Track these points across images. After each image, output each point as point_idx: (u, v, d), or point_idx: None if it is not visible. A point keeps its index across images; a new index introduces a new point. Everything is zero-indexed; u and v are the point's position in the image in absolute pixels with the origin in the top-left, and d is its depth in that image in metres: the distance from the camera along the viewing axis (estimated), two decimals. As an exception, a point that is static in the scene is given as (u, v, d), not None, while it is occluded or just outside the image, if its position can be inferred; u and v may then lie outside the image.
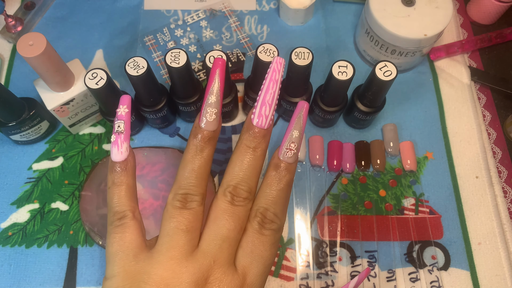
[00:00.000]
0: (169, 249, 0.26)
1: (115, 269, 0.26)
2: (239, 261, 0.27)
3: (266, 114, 0.28)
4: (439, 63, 0.50)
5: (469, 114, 0.47)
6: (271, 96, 0.27)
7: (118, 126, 0.28)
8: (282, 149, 0.28)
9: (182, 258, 0.26)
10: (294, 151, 0.28)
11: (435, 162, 0.44)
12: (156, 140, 0.45)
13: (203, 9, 0.52)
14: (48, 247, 0.40)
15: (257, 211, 0.28)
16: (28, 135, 0.42)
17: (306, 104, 0.28)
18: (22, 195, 0.42)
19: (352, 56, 0.50)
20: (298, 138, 0.28)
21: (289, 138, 0.28)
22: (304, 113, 0.28)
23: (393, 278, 0.39)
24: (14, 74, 0.48)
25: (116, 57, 0.49)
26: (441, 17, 0.43)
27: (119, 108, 0.28)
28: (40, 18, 0.51)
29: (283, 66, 0.28)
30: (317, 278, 0.39)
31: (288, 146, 0.28)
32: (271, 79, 0.27)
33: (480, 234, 0.41)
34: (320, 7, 0.53)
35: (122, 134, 0.28)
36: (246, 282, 0.26)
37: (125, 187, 0.28)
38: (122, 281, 0.26)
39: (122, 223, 0.27)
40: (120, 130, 0.28)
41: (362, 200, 0.42)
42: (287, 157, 0.28)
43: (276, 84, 0.27)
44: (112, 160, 0.28)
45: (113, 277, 0.26)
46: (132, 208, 0.28)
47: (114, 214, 0.27)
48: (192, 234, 0.27)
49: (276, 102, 0.28)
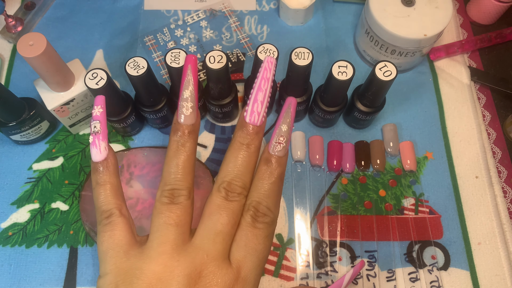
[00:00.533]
0: (159, 244, 0.26)
1: (107, 267, 0.26)
2: (233, 255, 0.27)
3: (258, 111, 0.28)
4: (439, 63, 0.50)
5: (469, 114, 0.47)
6: (262, 94, 0.28)
7: (94, 126, 0.28)
8: (272, 143, 0.29)
9: (173, 252, 0.26)
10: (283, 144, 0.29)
11: (435, 162, 0.44)
12: (156, 140, 0.45)
13: (203, 9, 0.52)
14: (48, 247, 0.40)
15: (250, 205, 0.28)
16: (28, 135, 0.42)
17: (294, 99, 0.29)
18: (22, 195, 0.42)
19: (352, 56, 0.50)
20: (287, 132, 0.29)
21: (278, 132, 0.29)
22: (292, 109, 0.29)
23: (393, 278, 0.39)
24: (14, 74, 0.48)
25: (116, 57, 0.49)
26: (441, 17, 0.43)
27: (94, 109, 0.29)
28: (40, 18, 0.51)
29: (274, 65, 0.29)
30: (317, 278, 0.39)
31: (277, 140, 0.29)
32: (262, 78, 0.28)
33: (480, 234, 0.41)
34: (320, 7, 0.53)
35: (99, 134, 0.28)
36: (240, 276, 0.27)
37: (110, 186, 0.28)
38: (115, 278, 0.26)
39: (110, 221, 0.27)
40: (96, 131, 0.28)
41: (362, 200, 0.42)
42: (277, 151, 0.29)
43: (267, 82, 0.28)
44: (93, 160, 0.29)
45: (106, 275, 0.26)
46: (118, 205, 0.28)
47: (101, 213, 0.28)
48: (181, 228, 0.27)
49: (268, 100, 0.29)
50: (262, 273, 0.29)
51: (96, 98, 0.29)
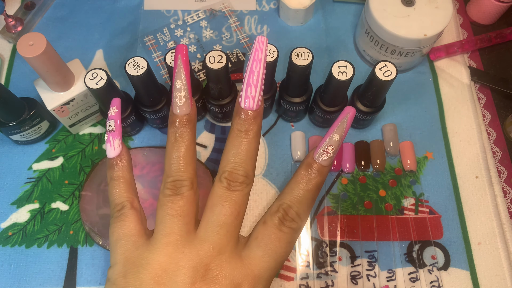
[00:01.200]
0: (164, 236, 0.26)
1: (117, 257, 0.27)
2: (251, 250, 0.27)
3: (252, 95, 0.27)
4: (439, 63, 0.50)
5: (469, 114, 0.47)
6: (255, 77, 0.27)
7: (109, 125, 0.30)
8: (319, 150, 0.28)
9: (178, 244, 0.26)
10: (330, 154, 0.28)
11: (435, 162, 0.44)
12: (156, 140, 0.45)
13: (203, 9, 0.52)
14: (48, 247, 0.40)
15: (280, 207, 0.27)
16: (28, 135, 0.42)
17: (353, 109, 0.27)
18: (22, 195, 0.42)
19: (352, 56, 0.50)
20: (337, 143, 0.28)
21: (328, 140, 0.28)
22: (349, 119, 0.28)
23: (393, 278, 0.39)
24: (14, 74, 0.48)
25: (116, 57, 0.49)
26: (441, 17, 0.43)
27: (110, 110, 0.30)
28: (40, 18, 0.51)
29: (266, 44, 0.27)
30: (317, 278, 0.39)
31: (325, 148, 0.28)
32: (254, 59, 0.27)
33: (480, 234, 0.41)
34: (320, 7, 0.53)
35: (113, 132, 0.30)
36: (253, 273, 0.26)
37: (123, 180, 0.29)
38: (123, 267, 0.26)
39: (121, 213, 0.28)
40: (111, 129, 0.30)
41: (362, 200, 0.42)
42: (322, 159, 0.28)
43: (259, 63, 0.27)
44: (108, 157, 0.30)
45: (115, 265, 0.27)
46: (130, 199, 0.29)
47: (114, 206, 0.28)
48: (185, 218, 0.27)
49: (263, 82, 0.27)
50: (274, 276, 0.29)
51: (112, 100, 0.31)
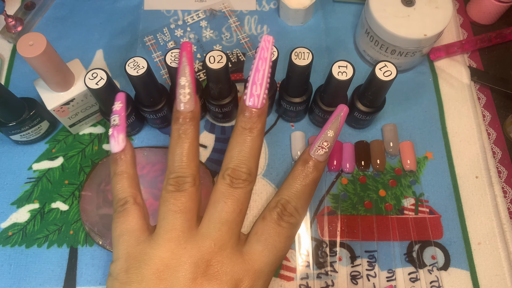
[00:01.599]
0: (166, 231, 0.26)
1: (119, 252, 0.27)
2: (251, 245, 0.27)
3: (257, 93, 0.27)
4: (439, 63, 0.50)
5: (469, 114, 0.47)
6: (261, 75, 0.27)
7: (113, 120, 0.30)
8: (314, 146, 0.28)
9: (180, 239, 0.26)
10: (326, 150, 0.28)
11: (435, 162, 0.44)
12: (156, 140, 0.45)
13: (203, 9, 0.52)
14: (48, 247, 0.40)
15: (278, 202, 0.28)
16: (28, 135, 0.42)
17: (346, 107, 0.28)
18: (22, 195, 0.42)
19: (352, 56, 0.50)
20: (332, 139, 0.28)
21: (323, 136, 0.28)
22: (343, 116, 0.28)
23: (393, 278, 0.39)
24: (14, 74, 0.48)
25: (116, 57, 0.49)
26: (441, 17, 0.43)
27: (114, 105, 0.30)
28: (40, 18, 0.51)
29: (272, 43, 0.27)
30: (317, 278, 0.39)
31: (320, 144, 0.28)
32: (259, 58, 0.27)
33: (480, 234, 0.41)
34: (320, 7, 0.53)
35: (118, 126, 0.30)
36: (253, 268, 0.26)
37: (126, 175, 0.29)
38: (125, 262, 0.26)
39: (124, 208, 0.28)
40: (115, 124, 0.30)
41: (362, 200, 0.42)
42: (318, 155, 0.28)
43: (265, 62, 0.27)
44: (112, 151, 0.30)
45: (117, 260, 0.27)
46: (133, 194, 0.29)
47: (117, 201, 0.28)
48: (187, 214, 0.27)
49: (268, 81, 0.28)
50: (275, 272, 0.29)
51: (117, 94, 0.30)
